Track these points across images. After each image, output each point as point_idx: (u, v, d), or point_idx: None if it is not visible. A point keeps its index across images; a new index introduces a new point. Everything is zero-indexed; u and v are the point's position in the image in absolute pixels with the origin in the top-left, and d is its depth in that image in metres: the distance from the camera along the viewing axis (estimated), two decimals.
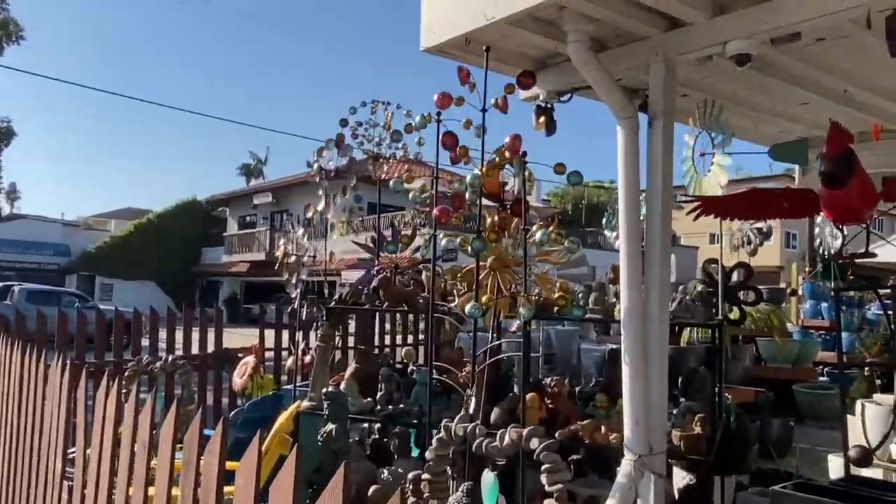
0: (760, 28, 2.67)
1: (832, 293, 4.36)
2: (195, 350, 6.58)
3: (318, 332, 4.45)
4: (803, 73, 3.52)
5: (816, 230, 8.98)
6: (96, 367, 5.51)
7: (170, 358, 4.15)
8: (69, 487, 2.14)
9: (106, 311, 7.21)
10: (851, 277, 3.24)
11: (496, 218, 3.39)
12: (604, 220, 6.00)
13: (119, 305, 8.40)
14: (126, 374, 3.51)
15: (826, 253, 7.48)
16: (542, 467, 2.30)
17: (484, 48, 3.10)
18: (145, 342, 6.42)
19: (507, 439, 2.40)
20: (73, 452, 2.26)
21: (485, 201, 3.44)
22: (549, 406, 3.70)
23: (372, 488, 3.23)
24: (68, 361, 2.38)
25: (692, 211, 3.40)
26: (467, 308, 3.14)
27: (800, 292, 8.06)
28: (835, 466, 3.40)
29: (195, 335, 6.61)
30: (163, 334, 6.55)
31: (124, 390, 2.22)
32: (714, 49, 2.88)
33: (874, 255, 3.07)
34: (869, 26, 2.55)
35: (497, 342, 3.72)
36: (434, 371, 3.63)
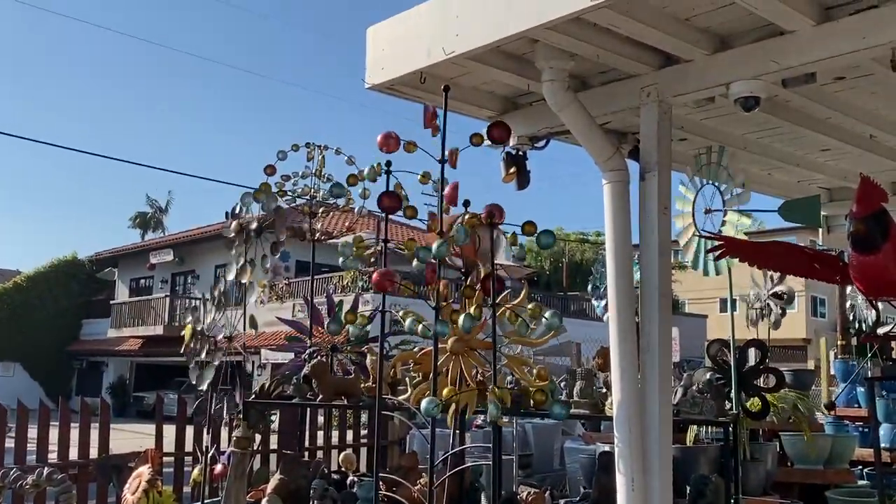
0: (769, 68, 2.80)
1: (868, 380, 4.45)
2: (73, 455, 6.39)
3: (233, 432, 4.37)
4: (822, 116, 3.70)
5: (848, 300, 9.25)
6: None
7: (45, 472, 4.02)
8: None
9: None
10: (886, 360, 3.34)
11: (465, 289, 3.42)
12: (589, 286, 6.10)
13: None
14: None
15: (862, 325, 7.67)
16: None
17: (442, 87, 3.16)
18: (9, 444, 6.22)
19: None
20: None
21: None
22: None
23: None
24: None
25: (713, 250, 3.44)
26: (423, 403, 3.13)
27: (831, 373, 8.20)
28: None
29: (74, 435, 6.43)
30: (32, 433, 6.35)
31: None
32: (717, 90, 3.02)
33: None
34: (894, 68, 2.70)
35: (461, 447, 3.72)
36: (381, 483, 3.60)
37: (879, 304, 3.24)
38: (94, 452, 6.54)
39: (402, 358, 3.63)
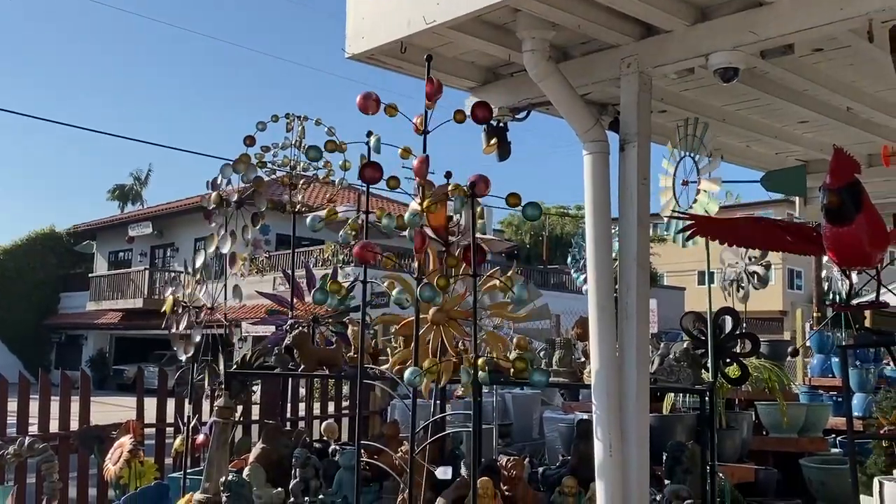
0: (747, 39, 2.82)
1: (841, 348, 4.52)
2: (54, 427, 6.37)
3: (215, 403, 4.38)
4: (800, 88, 3.73)
5: (824, 270, 9.34)
6: None
7: (25, 441, 4.03)
8: None
9: None
10: (860, 330, 3.39)
11: (442, 260, 3.44)
12: (569, 259, 6.13)
13: None
14: None
15: (836, 298, 7.73)
16: None
17: (425, 57, 3.15)
18: None
19: None
20: None
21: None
22: (507, 493, 3.73)
23: None
24: None
25: (684, 230, 3.46)
26: (406, 373, 3.16)
27: (806, 345, 8.30)
28: None
29: (54, 408, 6.41)
30: (12, 406, 6.32)
31: None
32: (696, 61, 3.03)
33: (886, 305, 3.22)
34: (871, 39, 2.73)
35: (441, 414, 3.75)
36: (362, 451, 3.62)
37: (854, 275, 3.28)
38: (74, 425, 6.52)
39: (384, 320, 3.64)
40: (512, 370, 3.46)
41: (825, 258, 2.97)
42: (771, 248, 3.90)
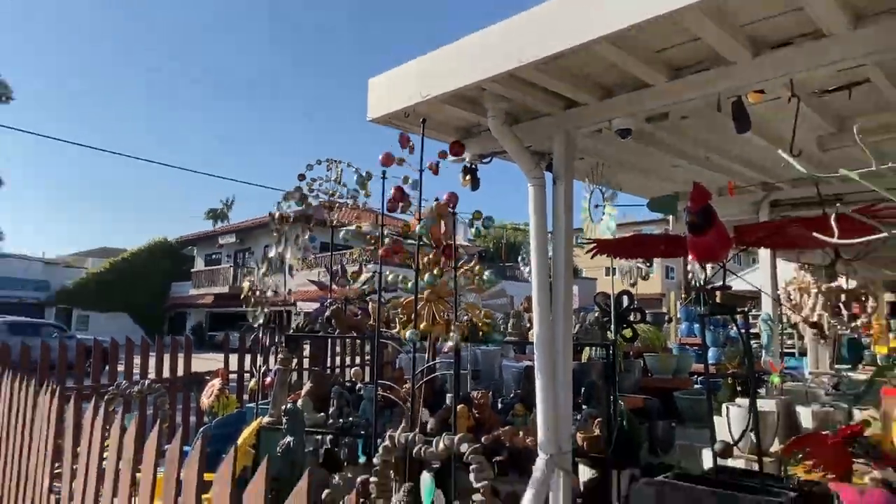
0: (637, 109, 2.83)
1: (700, 317, 4.56)
2: (166, 374, 6.33)
3: (278, 356, 4.38)
4: (673, 143, 3.74)
5: (689, 266, 9.38)
6: (76, 391, 5.23)
7: (146, 382, 4.00)
8: (56, 501, 2.05)
9: (84, 340, 6.87)
10: (712, 305, 3.43)
11: (430, 257, 3.45)
12: (519, 258, 6.15)
13: (94, 335, 7.99)
14: (106, 397, 3.37)
15: (696, 283, 7.80)
16: (471, 468, 2.34)
17: (421, 120, 3.17)
18: (120, 367, 6.15)
19: (441, 445, 2.44)
20: (60, 468, 2.17)
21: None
22: (476, 416, 3.75)
23: (325, 493, 3.18)
24: (56, 388, 2.29)
25: (590, 251, 3.52)
26: (407, 334, 3.17)
27: (678, 316, 8.37)
28: (706, 460, 3.52)
29: (166, 361, 6.37)
30: (137, 360, 6.27)
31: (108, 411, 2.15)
32: (603, 124, 3.03)
33: (730, 287, 3.25)
34: (719, 109, 2.75)
35: (432, 362, 3.76)
36: (378, 388, 3.63)
37: (708, 268, 3.30)
38: (180, 372, 6.49)
39: (395, 304, 3.64)
40: (481, 333, 3.48)
41: (689, 257, 2.98)
42: (650, 255, 3.93)
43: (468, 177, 3.51)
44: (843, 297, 5.52)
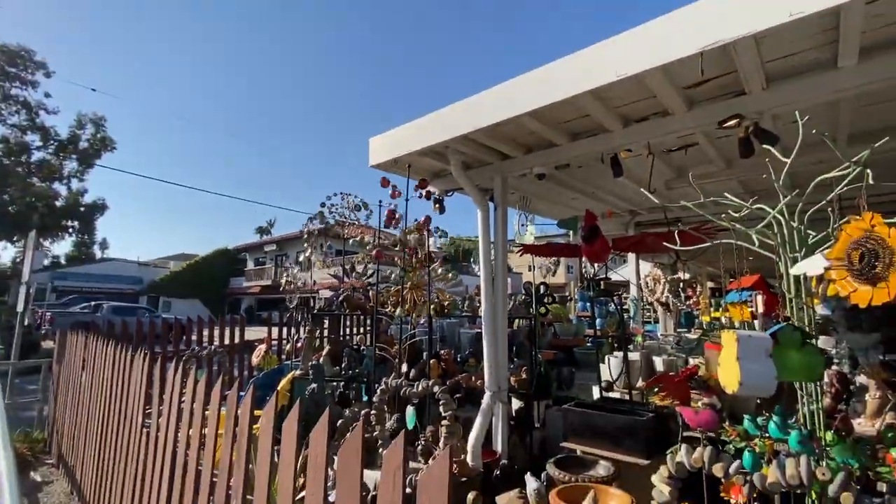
0: (549, 160, 2.87)
1: (590, 298, 4.66)
2: (226, 342, 6.12)
3: (306, 328, 4.28)
4: (573, 183, 3.78)
5: (583, 264, 9.54)
6: (162, 355, 5.00)
7: (212, 348, 3.86)
8: (146, 432, 1.95)
9: (167, 318, 6.57)
10: (598, 289, 3.51)
11: (415, 260, 3.43)
12: (472, 259, 6.18)
13: (175, 315, 7.66)
14: (184, 358, 3.23)
15: (588, 276, 7.94)
16: (440, 402, 2.33)
17: (406, 165, 3.14)
18: (194, 338, 5.91)
19: (419, 387, 2.42)
20: (150, 410, 2.07)
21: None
22: (443, 367, 3.73)
23: (339, 421, 3.12)
24: (147, 352, 2.19)
25: (519, 252, 3.53)
26: (396, 312, 3.13)
27: (575, 297, 8.45)
28: (595, 393, 3.58)
29: (227, 333, 6.15)
30: (206, 332, 6.04)
31: (182, 369, 2.07)
32: (526, 170, 3.05)
33: (609, 279, 3.32)
34: (602, 161, 2.81)
35: (413, 331, 3.73)
36: (376, 349, 3.58)
37: (595, 266, 3.37)
38: (237, 340, 6.27)
39: (386, 291, 3.60)
40: (446, 310, 3.46)
41: (583, 258, 3.02)
42: (561, 255, 3.97)
43: (437, 205, 3.50)
44: (681, 284, 5.70)
